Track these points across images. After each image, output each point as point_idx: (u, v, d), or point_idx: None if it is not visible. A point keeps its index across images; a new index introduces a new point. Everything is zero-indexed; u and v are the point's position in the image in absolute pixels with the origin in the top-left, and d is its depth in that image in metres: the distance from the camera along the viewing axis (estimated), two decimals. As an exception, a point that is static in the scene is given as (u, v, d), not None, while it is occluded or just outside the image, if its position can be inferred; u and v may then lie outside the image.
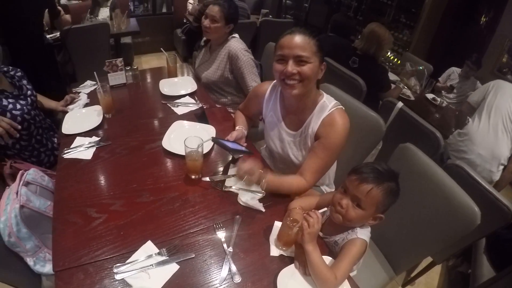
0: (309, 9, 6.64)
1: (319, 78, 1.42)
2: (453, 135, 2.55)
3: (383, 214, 1.13)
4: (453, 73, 4.02)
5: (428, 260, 2.05)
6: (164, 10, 5.96)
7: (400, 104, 2.27)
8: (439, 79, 4.08)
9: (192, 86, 2.25)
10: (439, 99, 3.47)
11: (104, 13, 4.45)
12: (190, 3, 4.85)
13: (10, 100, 1.70)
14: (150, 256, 1.10)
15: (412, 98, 3.38)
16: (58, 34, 3.51)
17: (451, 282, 2.38)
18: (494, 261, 1.95)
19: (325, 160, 1.42)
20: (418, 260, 1.60)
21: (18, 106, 1.72)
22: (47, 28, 3.49)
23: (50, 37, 3.47)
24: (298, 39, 1.31)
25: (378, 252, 1.68)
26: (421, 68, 3.59)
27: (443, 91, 3.99)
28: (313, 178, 1.43)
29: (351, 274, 1.21)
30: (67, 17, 3.65)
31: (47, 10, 3.14)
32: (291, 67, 1.31)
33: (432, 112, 3.28)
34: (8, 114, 1.66)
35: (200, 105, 2.02)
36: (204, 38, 2.45)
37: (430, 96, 3.55)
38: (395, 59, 5.08)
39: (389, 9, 5.34)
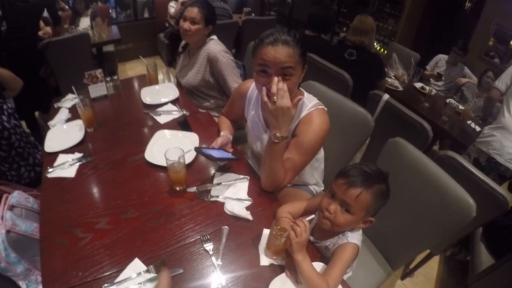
0: (292, 4, 6.61)
1: (300, 82, 1.34)
2: (483, 133, 2.50)
3: (373, 218, 1.10)
4: (440, 60, 4.04)
5: (426, 251, 2.05)
6: (146, 15, 5.90)
7: (386, 96, 2.26)
8: (427, 67, 4.09)
9: (174, 93, 2.21)
10: (427, 88, 3.47)
11: (85, 23, 4.43)
12: (172, 7, 4.80)
13: None
14: (138, 274, 1.07)
15: (401, 88, 3.38)
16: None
17: (450, 270, 2.38)
18: (492, 248, 1.96)
19: (298, 158, 1.35)
20: (415, 255, 1.59)
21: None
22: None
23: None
24: (282, 51, 1.19)
25: (373, 249, 1.66)
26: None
27: (431, 79, 3.99)
28: (288, 175, 1.37)
29: (345, 276, 1.20)
30: (48, 29, 3.60)
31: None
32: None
33: (422, 101, 3.28)
34: None
35: (182, 112, 1.98)
36: (183, 43, 2.42)
37: (418, 85, 3.55)
38: (382, 49, 5.07)
39: (373, 0, 5.33)
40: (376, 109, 2.27)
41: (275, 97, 1.19)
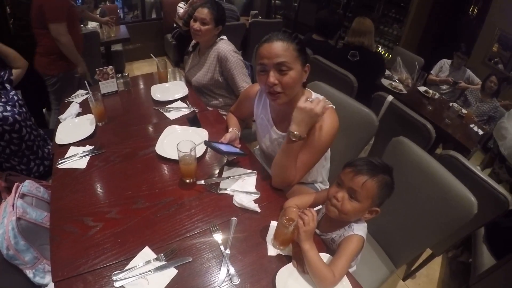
0: (298, 8, 6.65)
1: (304, 81, 1.40)
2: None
3: (378, 208, 1.13)
4: (444, 65, 4.09)
5: (428, 252, 2.06)
6: (153, 15, 5.96)
7: (390, 98, 2.29)
8: (431, 72, 4.12)
9: (183, 90, 2.25)
10: (431, 91, 3.50)
11: (94, 22, 4.46)
12: (181, 7, 4.85)
13: (0, 104, 1.71)
14: (148, 262, 1.10)
15: (404, 91, 3.41)
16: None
17: (452, 272, 2.39)
18: (494, 249, 1.97)
19: (308, 157, 1.39)
20: (417, 252, 1.62)
21: (8, 108, 1.74)
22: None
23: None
24: (276, 46, 1.27)
25: (377, 247, 1.68)
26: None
27: (443, 87, 4.03)
28: (298, 174, 1.40)
29: (350, 270, 1.22)
30: None
31: None
32: (272, 77, 1.29)
33: (425, 104, 3.31)
34: (0, 115, 1.68)
35: (192, 109, 2.02)
36: (193, 43, 2.46)
37: (422, 88, 3.58)
38: (386, 54, 5.10)
39: (378, 4, 5.37)
40: (381, 110, 2.31)
41: (310, 99, 1.26)
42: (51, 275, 1.31)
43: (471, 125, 3.04)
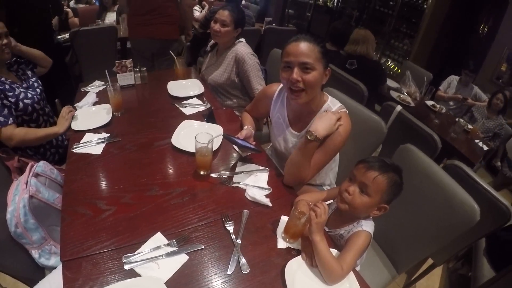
0: (311, 18, 6.74)
1: (323, 83, 1.45)
2: None
3: (387, 205, 1.16)
4: (453, 81, 4.14)
5: (429, 262, 2.07)
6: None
7: (399, 108, 2.34)
8: (440, 88, 4.16)
9: (199, 88, 2.31)
10: (438, 106, 3.54)
11: (111, 18, 4.55)
12: (196, 10, 4.93)
13: (22, 90, 1.75)
14: (159, 247, 1.12)
15: (412, 104, 3.46)
16: (66, 35, 3.58)
17: (452, 285, 2.39)
18: (494, 262, 1.98)
19: (321, 158, 1.44)
20: (420, 258, 1.62)
21: (29, 95, 1.77)
22: (56, 30, 3.56)
23: (60, 38, 3.54)
24: (303, 46, 1.35)
25: (379, 251, 1.70)
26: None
27: (450, 102, 4.06)
28: (310, 172, 1.45)
29: (357, 269, 1.24)
30: (75, 20, 3.73)
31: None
32: (296, 74, 1.35)
33: (432, 118, 3.34)
34: (21, 104, 1.72)
35: (209, 105, 2.06)
36: (211, 43, 2.52)
37: (429, 102, 3.63)
38: (395, 68, 5.15)
39: (390, 19, 5.42)
40: (389, 119, 2.35)
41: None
42: (57, 256, 1.36)
43: (476, 141, 3.07)
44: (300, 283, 1.06)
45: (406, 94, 3.64)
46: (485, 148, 2.96)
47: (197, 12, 5.04)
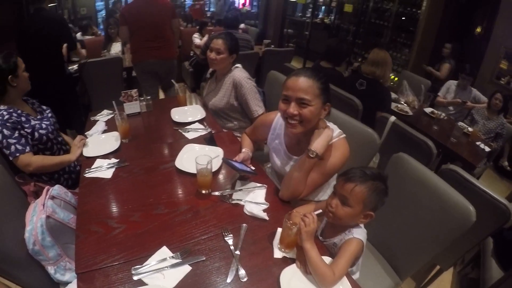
0: (309, 36, 6.93)
1: (321, 117, 1.53)
2: None
3: (373, 212, 1.24)
4: (451, 86, 4.17)
5: (436, 268, 2.10)
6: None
7: (392, 118, 2.44)
8: (439, 93, 4.20)
9: (201, 113, 2.44)
10: (436, 112, 3.59)
11: (116, 48, 4.75)
12: (196, 37, 5.16)
13: (37, 121, 1.90)
14: (165, 259, 1.22)
15: (410, 113, 3.51)
16: (75, 66, 3.81)
17: (463, 289, 2.39)
18: (502, 262, 2.01)
19: (318, 177, 1.52)
20: (421, 264, 1.64)
21: (44, 126, 1.91)
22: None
23: (70, 69, 3.75)
24: (301, 81, 1.41)
25: (382, 259, 1.75)
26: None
27: (450, 107, 4.10)
28: (306, 189, 1.54)
29: (354, 277, 1.31)
30: (83, 51, 3.94)
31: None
32: (292, 108, 1.43)
33: (431, 124, 3.40)
34: (36, 134, 1.85)
35: (209, 129, 2.19)
36: (210, 70, 2.67)
37: (428, 110, 3.67)
38: (394, 78, 5.21)
39: (386, 30, 5.52)
40: (384, 130, 2.44)
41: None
42: (71, 272, 1.48)
43: (478, 143, 3.10)
44: (295, 289, 1.14)
45: (404, 103, 3.71)
46: (487, 149, 2.99)
47: (197, 40, 5.25)
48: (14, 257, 1.37)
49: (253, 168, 1.71)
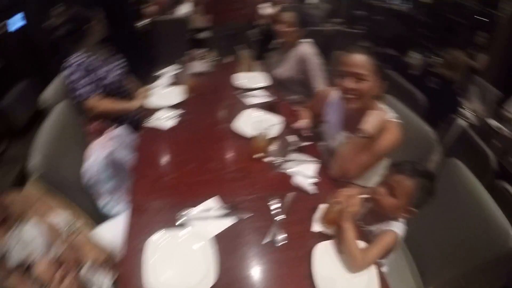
0: (380, 21, 6.65)
1: (378, 95, 1.54)
2: None
3: (416, 209, 1.24)
4: None
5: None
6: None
7: (461, 122, 2.39)
8: (505, 107, 3.90)
9: (264, 81, 2.48)
10: (503, 128, 3.35)
11: (185, 8, 4.81)
12: (266, 7, 5.13)
13: (110, 67, 2.05)
14: (211, 209, 1.33)
15: (475, 123, 3.32)
16: (146, 21, 3.94)
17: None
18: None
19: (367, 159, 1.53)
20: (448, 275, 1.62)
21: (116, 72, 2.07)
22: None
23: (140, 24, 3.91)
24: (358, 58, 1.46)
25: (410, 259, 1.73)
26: None
27: None
28: (355, 169, 1.56)
29: (383, 270, 1.32)
30: (154, 8, 4.07)
31: None
32: (347, 83, 1.48)
33: (491, 137, 3.19)
34: (108, 79, 2.00)
35: (271, 97, 2.23)
36: (276, 41, 2.68)
37: (494, 123, 3.43)
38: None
39: (462, 28, 5.13)
40: (449, 132, 2.39)
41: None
42: (119, 207, 1.61)
43: None
44: (324, 265, 1.16)
45: (471, 111, 3.51)
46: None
47: (269, 9, 5.21)
48: (72, 187, 1.51)
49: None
